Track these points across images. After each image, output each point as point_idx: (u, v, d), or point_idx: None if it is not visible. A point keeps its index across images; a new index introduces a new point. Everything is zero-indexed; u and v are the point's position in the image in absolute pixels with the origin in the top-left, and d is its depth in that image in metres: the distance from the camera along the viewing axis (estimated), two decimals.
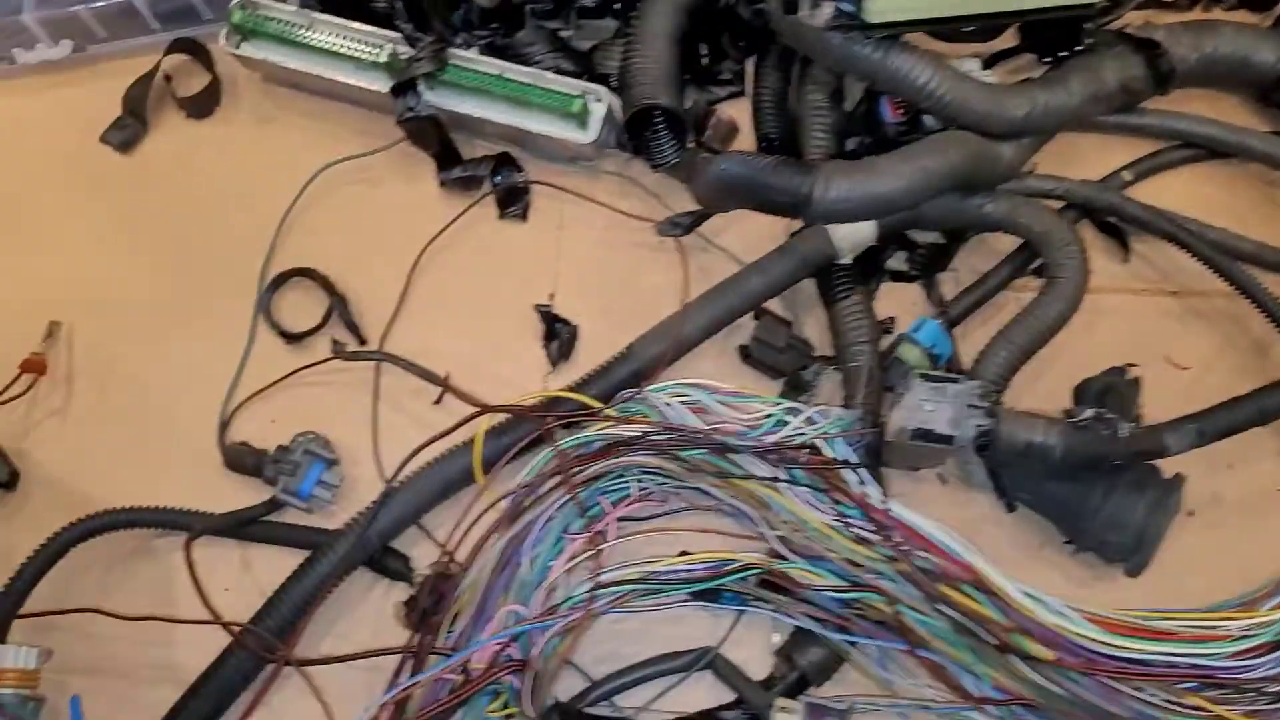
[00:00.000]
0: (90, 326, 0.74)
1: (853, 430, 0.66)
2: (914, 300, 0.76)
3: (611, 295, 0.75)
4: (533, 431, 0.67)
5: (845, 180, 0.57)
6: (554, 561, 0.64)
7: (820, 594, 0.65)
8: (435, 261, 0.75)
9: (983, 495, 0.72)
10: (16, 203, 0.77)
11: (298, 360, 0.73)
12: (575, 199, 0.77)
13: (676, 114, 0.71)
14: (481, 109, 0.73)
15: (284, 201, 0.75)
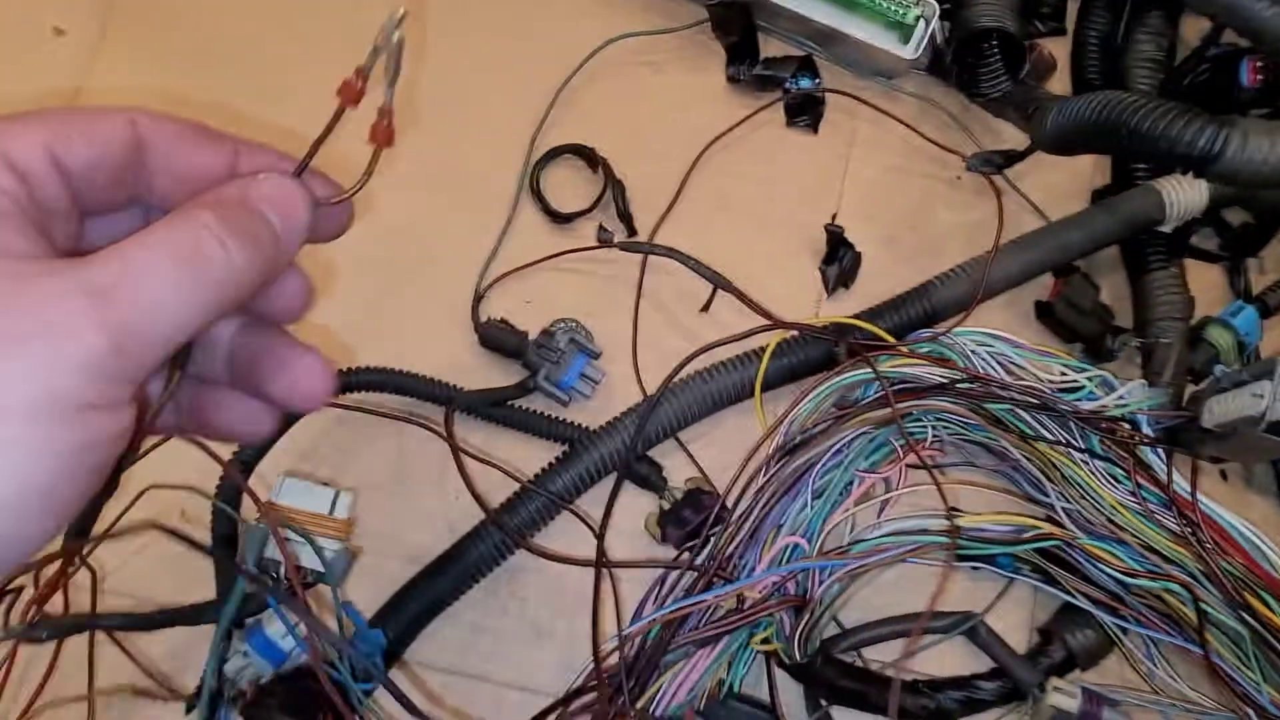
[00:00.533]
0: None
1: (1164, 410, 0.62)
2: (1214, 283, 0.71)
3: (897, 226, 0.70)
4: (821, 360, 0.63)
5: (1265, 140, 0.52)
6: (841, 498, 0.60)
7: (1103, 575, 0.61)
8: (714, 161, 0.70)
9: (1263, 498, 0.68)
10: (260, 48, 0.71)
11: (560, 242, 0.68)
12: (871, 117, 0.71)
13: (1018, 42, 0.65)
14: (801, 3, 0.67)
15: (563, 72, 0.70)
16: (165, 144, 0.29)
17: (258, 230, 0.28)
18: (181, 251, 0.26)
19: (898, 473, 0.61)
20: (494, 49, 0.71)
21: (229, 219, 0.27)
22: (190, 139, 0.30)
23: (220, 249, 0.27)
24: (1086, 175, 0.72)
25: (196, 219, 0.27)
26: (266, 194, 0.29)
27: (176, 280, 0.26)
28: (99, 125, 0.28)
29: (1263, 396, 0.56)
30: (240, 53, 0.71)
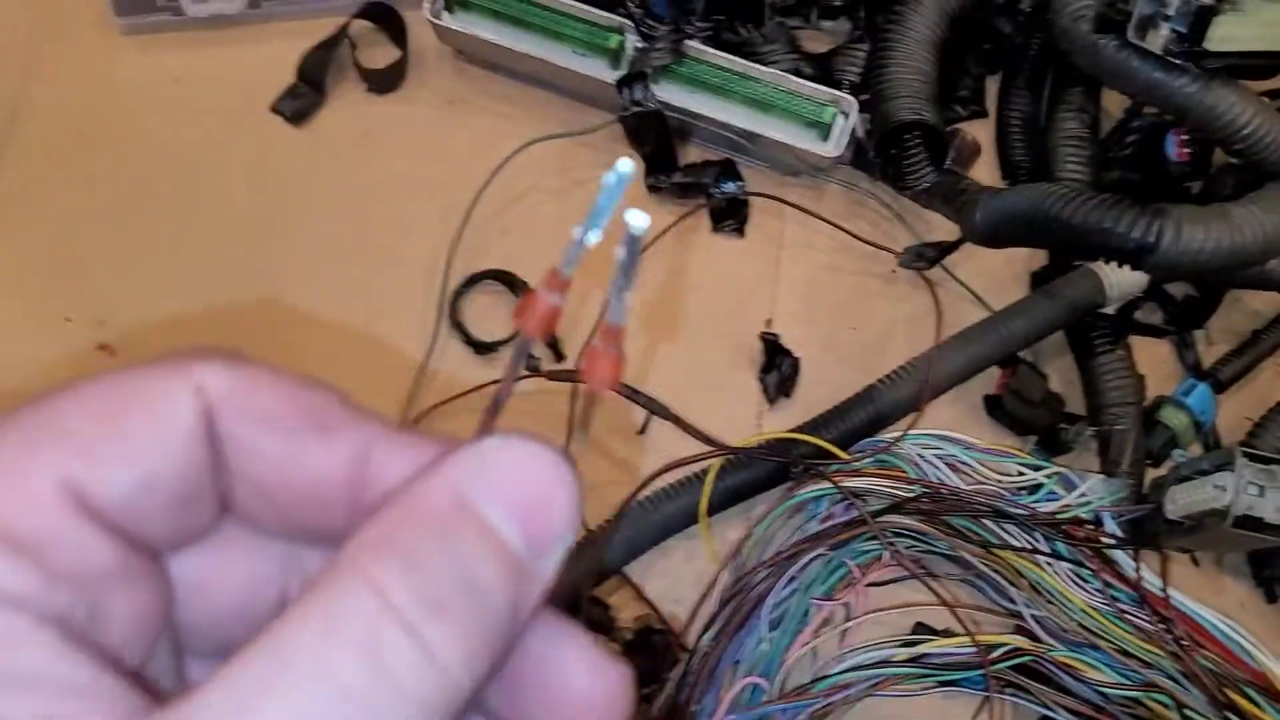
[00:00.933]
0: (251, 310, 0.65)
1: (1125, 504, 0.60)
2: (1163, 358, 0.69)
3: (835, 327, 0.68)
4: (767, 478, 0.60)
5: (1200, 229, 0.50)
6: (799, 627, 0.57)
7: (1081, 686, 0.58)
8: (640, 274, 0.67)
9: (1236, 582, 0.65)
10: (175, 167, 0.68)
11: (486, 372, 0.65)
12: (798, 217, 0.69)
13: (938, 133, 0.64)
14: (715, 109, 0.65)
15: (472, 190, 0.67)
16: (251, 436, 0.18)
17: (486, 581, 0.16)
18: (343, 672, 0.14)
19: (857, 595, 0.58)
20: (399, 172, 0.69)
21: (431, 576, 0.15)
22: (293, 429, 0.18)
23: (415, 652, 0.14)
24: (1024, 258, 0.70)
25: (367, 591, 0.15)
26: (504, 490, 0.16)
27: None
28: (152, 418, 0.17)
29: (1225, 489, 0.54)
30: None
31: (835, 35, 0.72)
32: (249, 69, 0.70)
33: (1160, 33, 0.54)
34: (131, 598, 0.17)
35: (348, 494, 0.18)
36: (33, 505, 0.16)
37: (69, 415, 0.17)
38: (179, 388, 0.17)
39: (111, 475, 0.17)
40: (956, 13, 0.65)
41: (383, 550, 0.15)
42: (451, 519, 0.16)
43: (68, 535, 0.16)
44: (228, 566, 0.19)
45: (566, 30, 0.65)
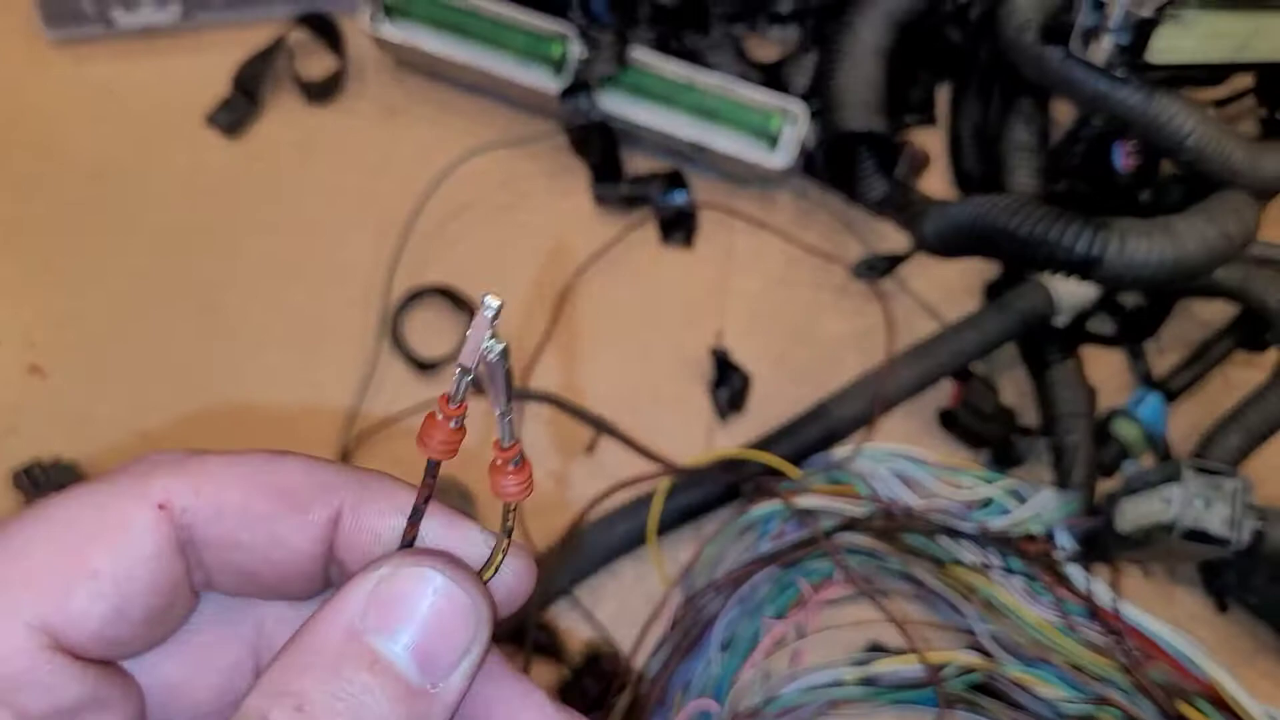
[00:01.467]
0: (186, 327, 0.63)
1: (1076, 517, 0.59)
2: (1116, 367, 0.69)
3: (786, 341, 0.67)
4: (718, 496, 0.59)
5: (1144, 241, 0.49)
6: (750, 648, 0.56)
7: (1035, 701, 0.57)
8: (587, 288, 0.66)
9: (1188, 592, 0.65)
10: (105, 181, 0.66)
11: (428, 389, 0.63)
12: (748, 227, 0.68)
13: (889, 143, 0.63)
14: (661, 119, 0.64)
15: (413, 203, 0.65)
16: (226, 534, 0.19)
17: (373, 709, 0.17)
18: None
19: (808, 614, 0.57)
20: (336, 184, 0.67)
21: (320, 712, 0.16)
22: (265, 516, 0.19)
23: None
24: (977, 270, 0.69)
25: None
26: (386, 617, 0.17)
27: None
28: (117, 552, 0.17)
29: (1172, 502, 0.53)
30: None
31: (783, 44, 0.71)
32: (183, 80, 0.68)
33: (1102, 45, 0.54)
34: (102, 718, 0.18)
35: (324, 556, 0.19)
36: (6, 653, 0.16)
37: (34, 555, 0.17)
38: (139, 511, 0.18)
39: (82, 610, 0.17)
40: (904, 20, 0.64)
41: (277, 697, 0.16)
42: (342, 654, 0.17)
43: (41, 677, 0.17)
44: (201, 665, 0.20)
45: (507, 39, 0.63)
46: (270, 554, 0.19)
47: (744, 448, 0.60)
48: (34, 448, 0.60)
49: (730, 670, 0.55)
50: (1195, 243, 0.51)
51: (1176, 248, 0.51)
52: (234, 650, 0.20)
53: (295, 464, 0.19)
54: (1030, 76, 0.60)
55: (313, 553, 0.19)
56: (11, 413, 0.62)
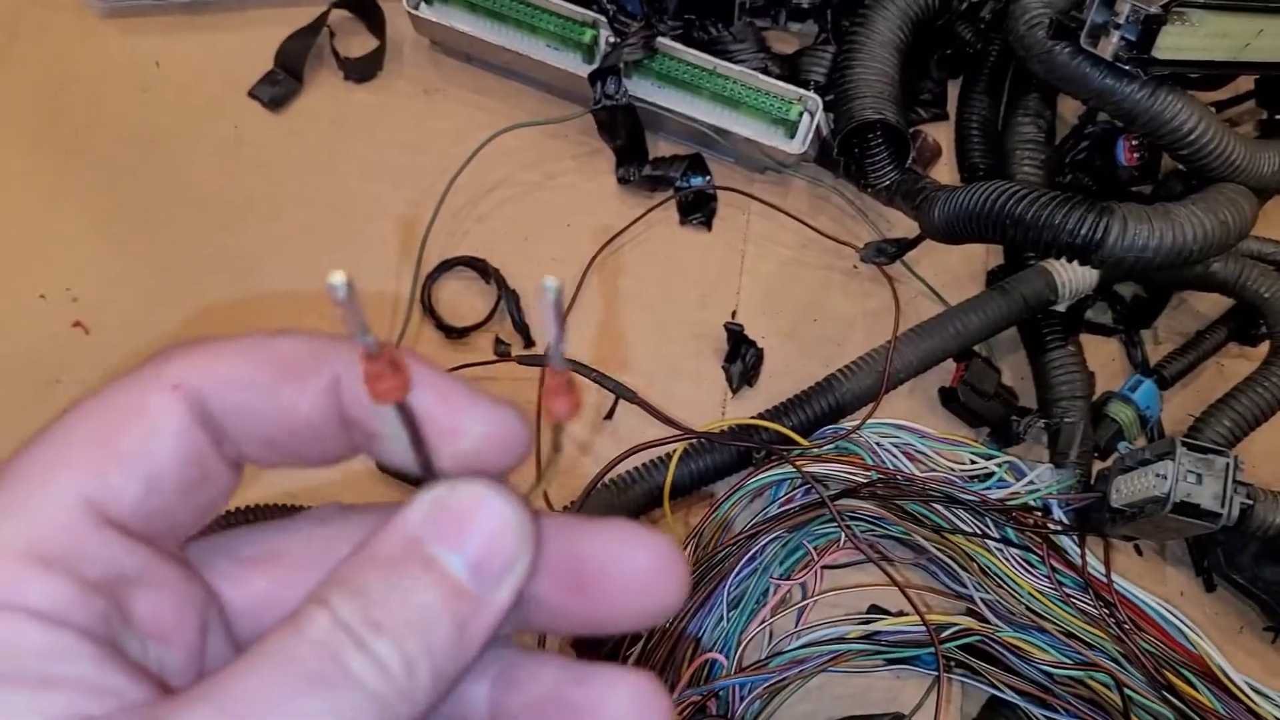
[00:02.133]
0: (224, 292, 0.66)
1: (1072, 493, 0.62)
2: (1112, 355, 0.72)
3: (798, 319, 0.70)
4: (730, 463, 0.62)
5: (1145, 226, 0.52)
6: (757, 607, 0.59)
7: (1027, 666, 0.60)
8: (609, 264, 0.69)
9: (1177, 571, 0.68)
10: (151, 149, 0.69)
11: (456, 357, 0.66)
12: (763, 211, 0.71)
13: (900, 133, 0.66)
14: (684, 104, 0.67)
15: (445, 178, 0.68)
16: (240, 403, 0.20)
17: (430, 607, 0.18)
18: (301, 672, 0.17)
19: (814, 576, 0.60)
20: (373, 160, 0.70)
21: (381, 604, 0.18)
22: (269, 384, 0.20)
23: (367, 662, 0.17)
24: (981, 257, 0.72)
25: (324, 612, 0.18)
26: (451, 532, 0.19)
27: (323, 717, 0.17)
28: (141, 432, 0.19)
29: (1166, 477, 0.56)
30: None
31: (803, 37, 0.74)
32: (228, 54, 0.71)
33: (1111, 40, 0.57)
34: (160, 598, 0.20)
35: (335, 418, 0.21)
36: (60, 527, 0.18)
37: (69, 441, 0.19)
38: (157, 394, 0.19)
39: (119, 487, 0.19)
40: (919, 18, 0.67)
41: (338, 584, 0.18)
42: (400, 557, 0.19)
43: (95, 547, 0.18)
44: (289, 581, 0.22)
45: (541, 24, 0.66)
46: (280, 419, 0.20)
47: (755, 418, 0.63)
48: (75, 397, 0.63)
49: (738, 626, 0.58)
50: (1193, 230, 0.53)
51: (1175, 233, 0.53)
52: (320, 571, 0.21)
53: (291, 338, 0.21)
54: (1038, 72, 0.63)
55: (320, 415, 0.20)
56: (55, 364, 0.64)
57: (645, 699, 0.20)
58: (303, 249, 0.68)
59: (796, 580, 0.59)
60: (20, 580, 0.17)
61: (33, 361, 0.64)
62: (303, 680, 0.17)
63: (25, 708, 0.17)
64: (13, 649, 0.17)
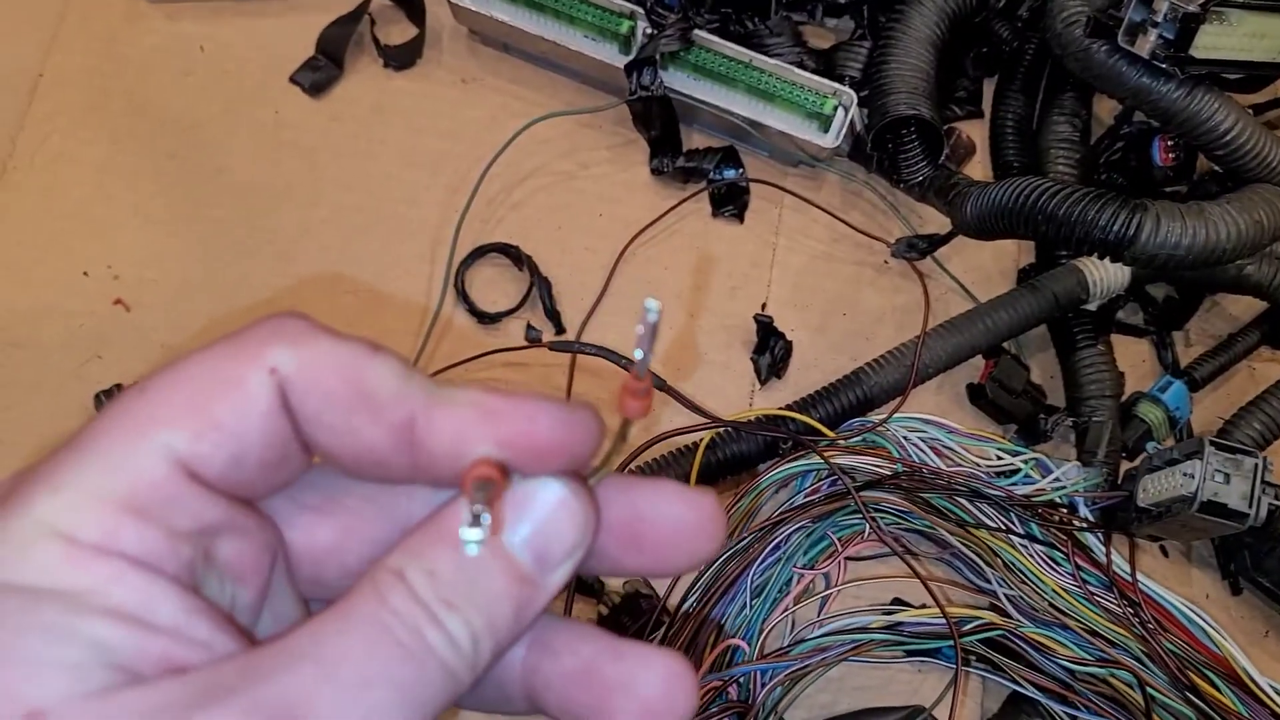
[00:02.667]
0: (261, 273, 0.67)
1: (1098, 491, 0.62)
2: (1143, 356, 0.71)
3: (827, 313, 0.70)
4: (757, 453, 0.62)
5: (1178, 223, 0.52)
6: (780, 596, 0.59)
7: (1049, 662, 0.60)
8: (641, 254, 0.70)
9: (1203, 573, 0.68)
10: (194, 133, 0.70)
11: (488, 342, 0.67)
12: (795, 205, 0.71)
13: (934, 128, 0.66)
14: (720, 96, 0.68)
15: (481, 166, 0.69)
16: (315, 411, 0.21)
17: (494, 587, 0.20)
18: (390, 640, 0.19)
19: (837, 567, 0.60)
20: (411, 146, 0.71)
21: (452, 580, 0.19)
22: (348, 407, 0.21)
23: (440, 634, 0.19)
24: (1012, 255, 0.72)
25: (403, 587, 0.19)
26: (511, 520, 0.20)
27: (390, 684, 0.18)
28: (237, 405, 0.20)
29: (1193, 476, 0.56)
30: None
31: (839, 32, 0.74)
32: (271, 40, 0.72)
33: (1148, 38, 0.57)
34: (240, 544, 0.21)
35: (403, 452, 0.21)
36: (154, 480, 0.19)
37: (169, 401, 0.20)
38: (257, 372, 0.20)
39: (208, 454, 0.20)
40: (956, 14, 0.67)
41: (413, 558, 0.20)
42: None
43: (184, 500, 0.19)
44: (352, 534, 0.23)
45: (579, 14, 0.67)
46: (346, 439, 0.21)
47: (783, 409, 0.63)
48: (116, 373, 0.64)
49: (761, 614, 0.59)
50: (1226, 229, 0.53)
51: (1208, 232, 0.53)
52: (382, 527, 0.23)
53: (386, 366, 0.21)
54: (1075, 70, 0.63)
55: (386, 447, 0.21)
56: (96, 341, 0.66)
57: (675, 678, 0.22)
58: (340, 233, 0.69)
59: (820, 570, 0.60)
60: (119, 528, 0.18)
61: (74, 336, 0.65)
62: (394, 648, 0.18)
63: (127, 647, 0.18)
64: (113, 593, 0.18)
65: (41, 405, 0.64)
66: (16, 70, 0.70)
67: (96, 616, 0.18)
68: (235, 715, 0.17)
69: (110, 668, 0.17)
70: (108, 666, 0.17)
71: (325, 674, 0.18)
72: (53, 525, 0.18)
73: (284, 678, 0.18)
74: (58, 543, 0.18)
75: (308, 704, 0.17)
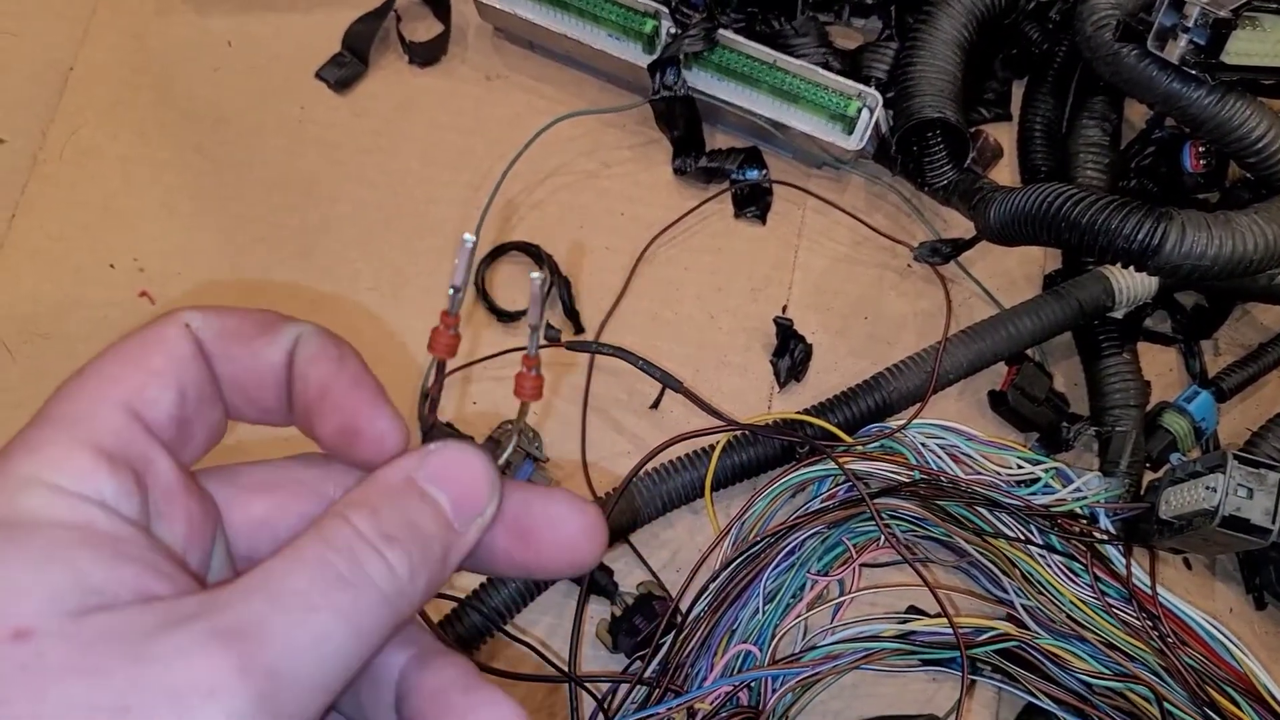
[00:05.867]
0: (284, 267, 0.68)
1: (1119, 502, 0.61)
2: (1169, 365, 0.70)
3: (849, 316, 0.69)
4: (774, 457, 0.62)
5: (1204, 234, 0.51)
6: (793, 602, 0.59)
7: (1066, 675, 0.59)
8: (661, 254, 0.70)
9: (1227, 586, 0.67)
10: (222, 128, 0.71)
11: (507, 340, 0.67)
12: (818, 207, 0.71)
13: (960, 132, 0.65)
14: (743, 97, 0.67)
15: (504, 163, 0.69)
16: (225, 348, 0.24)
17: (425, 528, 0.23)
18: (333, 572, 0.21)
19: (851, 574, 0.60)
20: (434, 143, 0.71)
21: (389, 520, 0.22)
22: (249, 336, 0.25)
23: (379, 563, 0.22)
24: (1038, 260, 0.71)
25: (346, 525, 0.22)
26: (439, 474, 0.24)
27: (333, 609, 0.21)
28: (165, 355, 0.23)
29: (1216, 490, 0.55)
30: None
31: (866, 32, 0.74)
32: (297, 36, 0.72)
33: (1179, 44, 0.56)
34: (188, 508, 0.23)
35: (286, 376, 0.25)
36: (114, 428, 0.22)
37: (116, 363, 0.23)
38: (175, 327, 0.24)
39: (155, 397, 0.23)
40: (985, 16, 0.67)
41: (357, 504, 0.23)
42: (402, 488, 0.23)
43: (148, 455, 0.22)
44: (284, 508, 0.26)
45: (604, 13, 0.67)
46: (253, 366, 0.25)
47: (801, 413, 0.63)
48: None
49: (773, 620, 0.58)
50: (1254, 239, 0.52)
51: (1235, 242, 0.52)
52: (310, 503, 0.26)
53: (274, 312, 0.26)
54: (1104, 74, 0.62)
55: (278, 368, 0.25)
56: (122, 332, 0.65)
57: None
58: (362, 228, 0.69)
59: (834, 577, 0.59)
60: (94, 473, 0.21)
61: (100, 327, 0.66)
62: (335, 578, 0.21)
63: (104, 575, 0.20)
64: (91, 529, 0.20)
65: None
66: (48, 64, 0.71)
67: (77, 547, 0.20)
68: (195, 637, 0.19)
69: (88, 592, 0.19)
70: (86, 591, 0.19)
71: (274, 603, 0.20)
72: (34, 477, 0.20)
73: (239, 607, 0.20)
74: (41, 489, 0.20)
75: (259, 627, 0.20)
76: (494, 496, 0.24)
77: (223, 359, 0.24)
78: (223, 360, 0.24)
